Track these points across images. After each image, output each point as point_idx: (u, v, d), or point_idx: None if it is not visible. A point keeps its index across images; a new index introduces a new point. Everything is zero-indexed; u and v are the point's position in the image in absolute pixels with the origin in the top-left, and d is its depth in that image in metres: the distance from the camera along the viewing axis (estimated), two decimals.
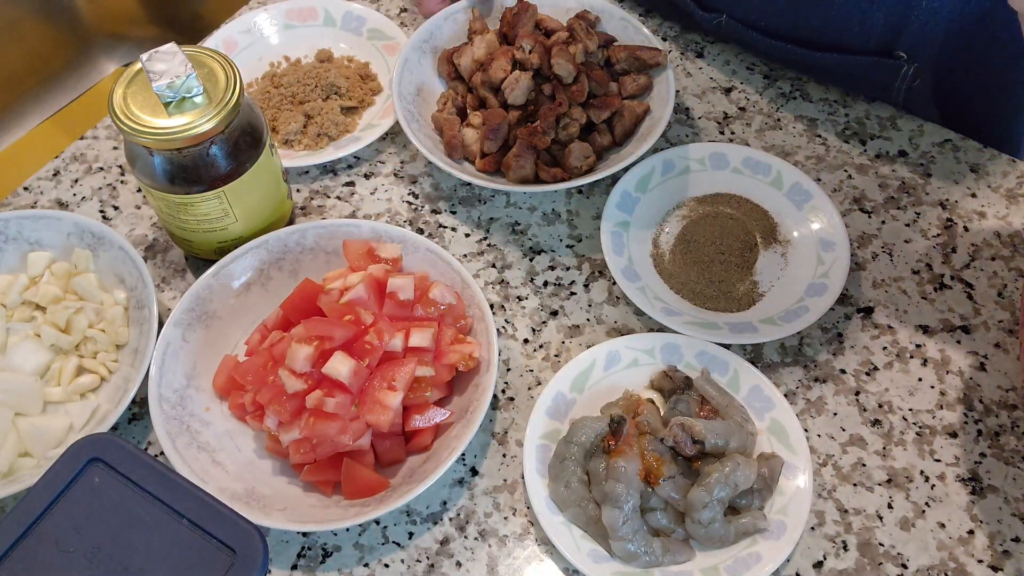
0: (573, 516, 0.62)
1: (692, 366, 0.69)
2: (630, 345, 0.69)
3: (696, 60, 0.89)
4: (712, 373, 0.68)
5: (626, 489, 0.61)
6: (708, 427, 0.63)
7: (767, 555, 0.60)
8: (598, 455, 0.63)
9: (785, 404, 0.66)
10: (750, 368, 0.68)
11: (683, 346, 0.69)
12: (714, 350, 0.69)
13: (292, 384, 0.61)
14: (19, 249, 0.73)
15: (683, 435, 0.63)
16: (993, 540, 0.63)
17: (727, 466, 0.61)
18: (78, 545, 0.46)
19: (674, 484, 0.62)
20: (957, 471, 0.65)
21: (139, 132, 0.63)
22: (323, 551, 0.63)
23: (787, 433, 0.65)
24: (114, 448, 0.48)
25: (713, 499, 0.61)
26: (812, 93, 0.86)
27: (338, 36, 0.91)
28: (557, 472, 0.64)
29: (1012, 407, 0.68)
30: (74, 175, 0.83)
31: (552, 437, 0.66)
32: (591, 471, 0.63)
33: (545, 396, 0.66)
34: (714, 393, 0.67)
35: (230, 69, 0.66)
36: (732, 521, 0.62)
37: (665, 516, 0.62)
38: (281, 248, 0.72)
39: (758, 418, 0.66)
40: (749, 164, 0.79)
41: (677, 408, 0.66)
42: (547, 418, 0.66)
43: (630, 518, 0.61)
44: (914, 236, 0.77)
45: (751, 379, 0.68)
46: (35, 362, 0.68)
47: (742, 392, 0.67)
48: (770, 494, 0.63)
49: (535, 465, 0.64)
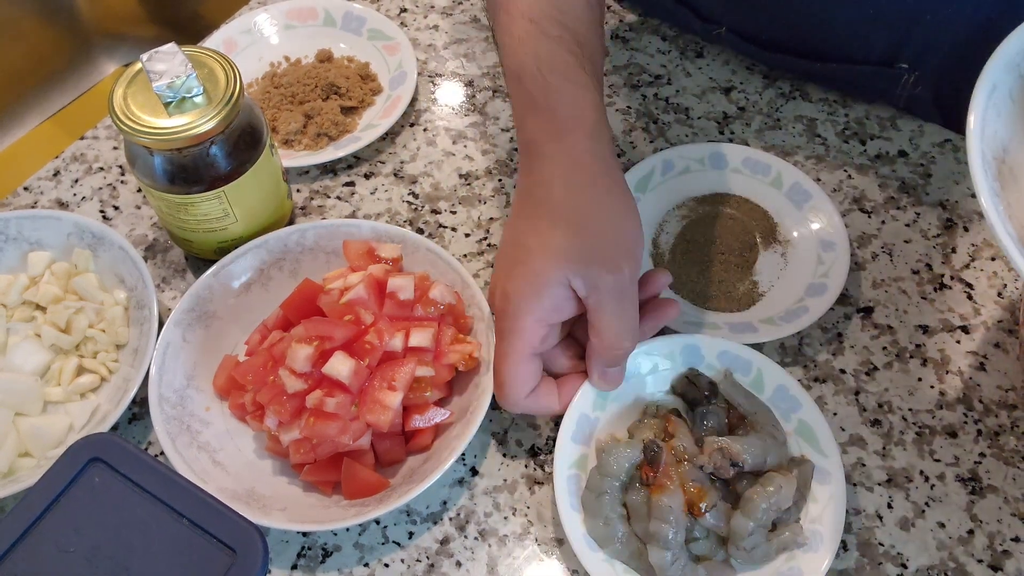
0: (615, 552, 0.60)
1: (714, 367, 0.66)
2: (649, 352, 0.66)
3: (696, 60, 0.89)
4: (735, 374, 0.66)
5: (674, 529, 0.59)
6: (746, 447, 0.61)
7: (807, 568, 0.59)
8: (635, 487, 0.61)
9: (811, 404, 0.63)
10: (774, 367, 0.65)
11: (703, 347, 0.66)
12: (736, 349, 0.66)
13: (292, 384, 0.61)
14: (19, 249, 0.73)
15: (723, 460, 0.61)
16: (993, 540, 0.63)
17: (769, 489, 0.59)
18: (78, 545, 0.46)
19: (716, 513, 0.60)
20: (957, 471, 0.65)
21: (139, 132, 0.63)
22: (323, 551, 0.63)
23: (815, 435, 0.63)
24: (114, 448, 0.48)
25: (757, 525, 0.59)
26: (812, 93, 0.86)
27: (338, 36, 0.91)
28: (594, 508, 0.61)
29: (1012, 407, 0.68)
30: (74, 175, 0.83)
31: (581, 465, 0.63)
32: (630, 505, 0.61)
33: (568, 422, 0.63)
34: (741, 399, 0.65)
35: (230, 69, 0.66)
36: (771, 539, 0.60)
37: (707, 543, 0.61)
38: (281, 248, 0.72)
39: (784, 420, 0.64)
40: (749, 164, 0.79)
41: (707, 423, 0.64)
42: (573, 444, 0.63)
43: (679, 556, 0.59)
44: (914, 236, 0.77)
45: (775, 378, 0.65)
46: (35, 362, 0.68)
47: (766, 392, 0.65)
48: (804, 502, 0.62)
49: (568, 499, 0.61)
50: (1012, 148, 0.57)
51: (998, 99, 0.57)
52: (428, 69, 0.90)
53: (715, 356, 0.66)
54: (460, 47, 0.92)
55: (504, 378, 0.61)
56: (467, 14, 0.95)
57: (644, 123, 0.85)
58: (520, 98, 0.65)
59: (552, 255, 0.59)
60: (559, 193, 0.60)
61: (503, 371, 0.61)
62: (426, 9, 0.96)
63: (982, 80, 0.56)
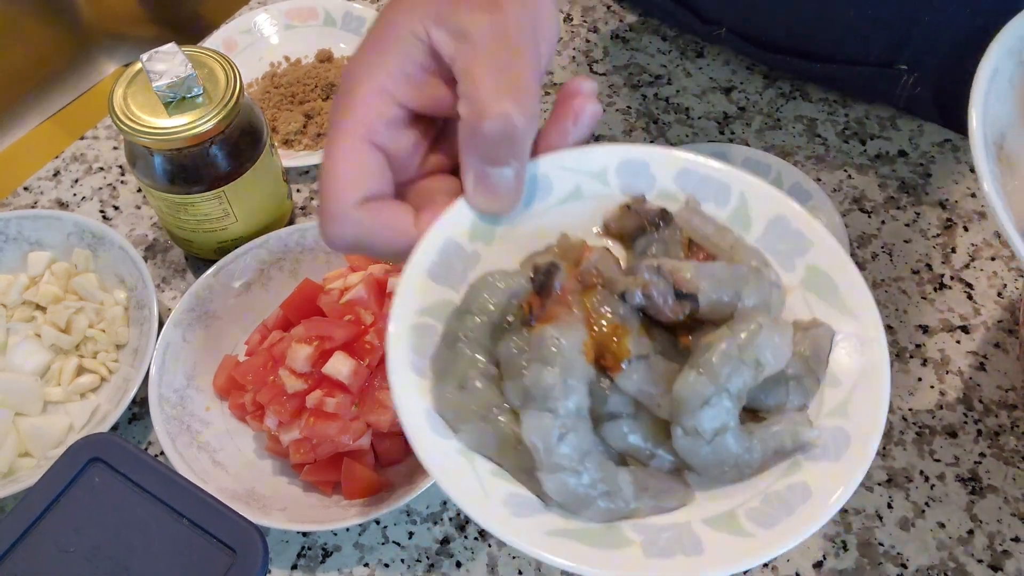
0: (475, 438, 0.38)
1: (671, 195, 0.43)
2: (567, 165, 0.43)
3: (696, 60, 0.89)
4: (705, 204, 0.43)
5: (562, 378, 0.36)
6: (703, 271, 0.39)
7: (819, 487, 0.37)
8: (514, 331, 0.39)
9: (829, 240, 0.42)
10: (766, 190, 0.43)
11: (653, 164, 0.44)
12: (705, 167, 0.43)
13: (292, 384, 0.61)
14: (19, 249, 0.73)
15: (662, 284, 0.38)
16: (993, 540, 0.63)
17: (742, 329, 0.37)
18: (78, 545, 0.46)
19: (647, 369, 0.38)
20: (957, 471, 0.65)
21: (139, 132, 0.63)
22: (323, 551, 0.63)
23: (836, 286, 0.41)
24: (114, 448, 0.48)
25: (720, 388, 0.36)
26: (812, 93, 0.86)
27: (338, 36, 0.91)
28: (446, 364, 0.39)
29: (1012, 407, 0.68)
30: (74, 175, 0.83)
31: (439, 312, 0.40)
32: (503, 358, 0.39)
33: (427, 247, 0.40)
34: (709, 230, 0.42)
35: (230, 69, 0.66)
36: (755, 432, 0.38)
37: (635, 428, 0.38)
38: (281, 248, 0.72)
39: (785, 268, 0.43)
40: (749, 164, 0.79)
41: (650, 252, 0.42)
42: (431, 281, 0.40)
43: (573, 429, 0.36)
44: (914, 236, 0.77)
45: (770, 207, 0.43)
46: (35, 362, 0.68)
47: (755, 230, 0.43)
48: (816, 385, 0.40)
49: (408, 356, 0.39)
50: (1010, 136, 0.57)
51: (999, 84, 0.55)
52: None
53: (671, 177, 0.44)
54: None
55: (327, 174, 0.41)
56: None
57: (644, 123, 0.84)
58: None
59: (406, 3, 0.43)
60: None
61: (327, 166, 0.42)
62: None
63: (983, 65, 0.55)
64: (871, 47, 0.79)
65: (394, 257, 0.42)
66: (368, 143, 0.41)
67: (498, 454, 0.38)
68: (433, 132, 0.44)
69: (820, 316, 0.41)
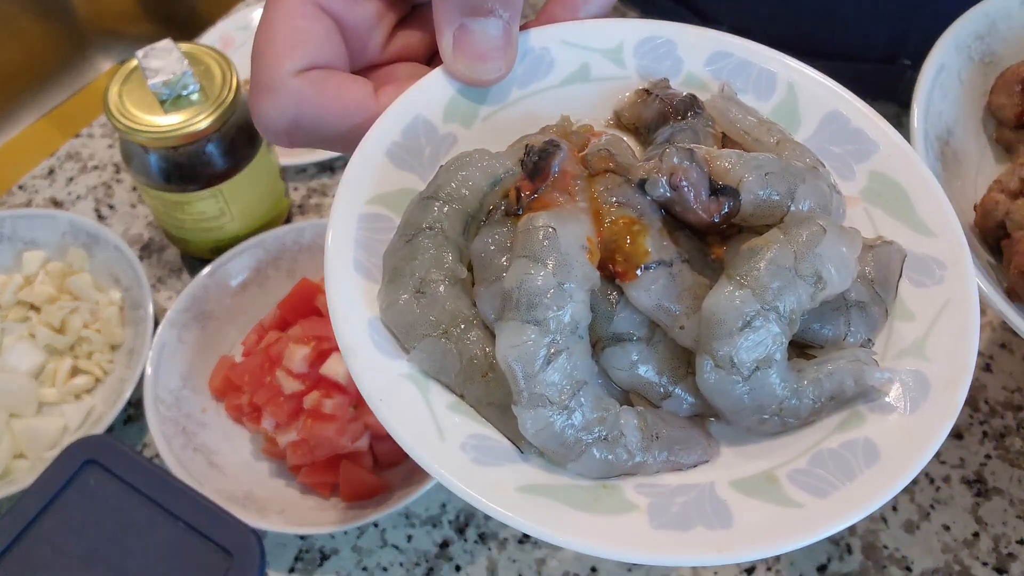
0: (432, 359, 0.29)
1: (702, 82, 0.37)
2: (573, 39, 0.35)
3: None
4: (743, 95, 0.36)
5: (556, 279, 0.28)
6: (748, 161, 0.31)
7: (890, 447, 0.29)
8: (496, 225, 0.31)
9: (900, 143, 0.36)
10: (819, 84, 0.37)
11: (680, 43, 0.37)
12: (743, 51, 0.37)
13: (289, 385, 0.61)
14: (14, 248, 0.72)
15: (694, 173, 0.29)
16: (998, 542, 0.62)
17: (798, 234, 0.29)
18: (74, 547, 0.46)
19: (669, 279, 0.29)
20: (962, 473, 0.65)
21: (135, 130, 0.63)
22: (321, 554, 0.62)
23: (908, 198, 0.34)
24: (109, 450, 0.48)
25: (768, 307, 0.28)
26: None
27: None
28: (401, 263, 0.30)
29: (1017, 408, 0.67)
30: (69, 174, 0.82)
31: (397, 202, 0.32)
32: (477, 255, 0.30)
33: (388, 124, 0.33)
34: (750, 122, 0.35)
35: (227, 66, 0.66)
36: (806, 370, 0.30)
37: (648, 356, 0.30)
38: (278, 247, 0.71)
39: (843, 175, 0.35)
40: None
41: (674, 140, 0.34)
42: (390, 164, 0.33)
43: (564, 349, 0.28)
44: None
45: (823, 102, 0.36)
46: (30, 363, 0.67)
47: (805, 128, 0.36)
48: (884, 315, 0.32)
49: (352, 252, 0.31)
50: (957, 131, 0.57)
51: (945, 80, 0.54)
52: None
53: (703, 61, 0.37)
54: None
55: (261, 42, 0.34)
56: None
57: None
58: None
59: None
60: None
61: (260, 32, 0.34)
62: None
63: (930, 60, 0.54)
64: (873, 42, 0.78)
65: (344, 141, 0.33)
66: (314, 4, 0.34)
67: (462, 382, 0.29)
68: (400, 6, 0.36)
69: (888, 234, 0.33)
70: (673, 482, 0.29)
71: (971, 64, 0.57)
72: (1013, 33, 0.60)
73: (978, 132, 0.59)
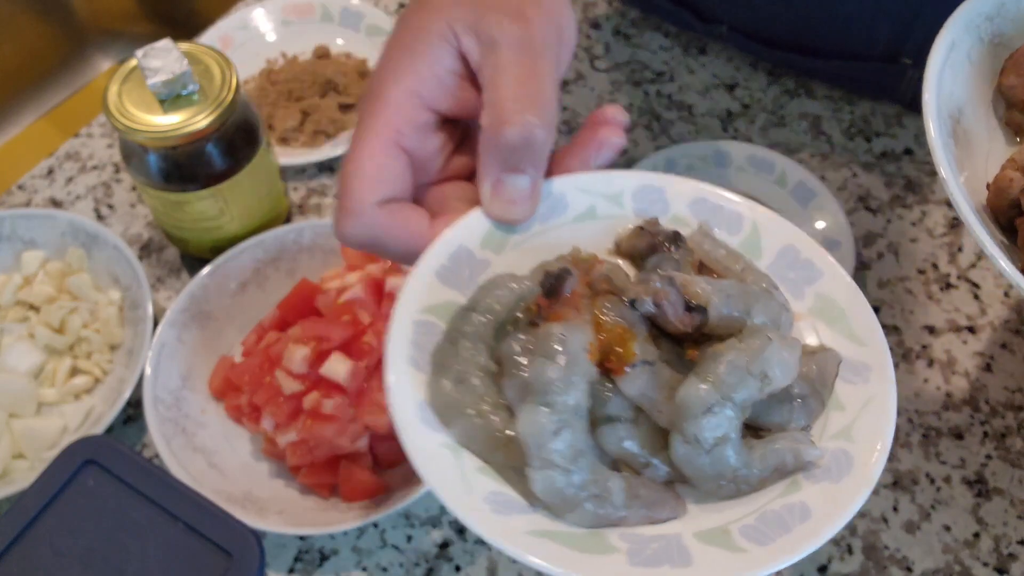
0: (465, 433, 0.38)
1: (683, 220, 0.45)
2: (583, 186, 0.45)
3: (699, 57, 0.88)
4: (717, 230, 0.45)
5: (565, 373, 0.36)
6: (715, 285, 0.40)
7: (819, 509, 0.37)
8: (519, 331, 0.39)
9: (837, 270, 0.44)
10: (777, 222, 0.45)
11: (668, 190, 0.45)
12: (718, 197, 0.45)
13: (289, 385, 0.61)
14: (13, 248, 0.72)
15: (672, 294, 0.38)
16: (999, 543, 0.62)
17: (751, 343, 0.38)
18: (73, 548, 0.46)
19: (652, 375, 0.38)
20: (963, 473, 0.65)
21: (134, 129, 0.63)
22: (320, 554, 0.62)
23: (845, 315, 0.42)
24: (109, 450, 0.48)
25: (725, 398, 0.36)
26: (816, 90, 0.86)
27: (335, 32, 0.90)
28: (444, 359, 0.39)
29: (1018, 408, 0.67)
30: (68, 173, 0.82)
31: (443, 312, 0.41)
32: (504, 355, 0.39)
33: (438, 251, 0.42)
34: (720, 253, 0.43)
35: (226, 66, 0.66)
36: (756, 447, 0.38)
37: (633, 433, 0.38)
38: (278, 247, 0.71)
39: (794, 295, 0.43)
40: (753, 162, 0.78)
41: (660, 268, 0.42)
42: (439, 283, 0.41)
43: (568, 426, 0.36)
44: (920, 235, 0.76)
45: (780, 237, 0.44)
46: (29, 363, 0.67)
47: (766, 258, 0.44)
48: (820, 407, 0.40)
49: (407, 351, 0.39)
50: (967, 111, 0.56)
51: (956, 59, 0.55)
52: None
53: (686, 204, 0.45)
54: None
55: (349, 172, 0.42)
56: None
57: (647, 120, 0.84)
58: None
59: (435, 4, 0.44)
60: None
61: (350, 164, 0.42)
62: None
63: (942, 36, 0.54)
64: (874, 41, 0.78)
65: (405, 259, 0.43)
66: (395, 145, 0.43)
67: (487, 450, 0.37)
68: (456, 136, 0.46)
69: (828, 343, 0.42)
70: (648, 532, 0.37)
71: (981, 45, 0.57)
72: (1022, 14, 0.59)
73: (988, 114, 0.58)
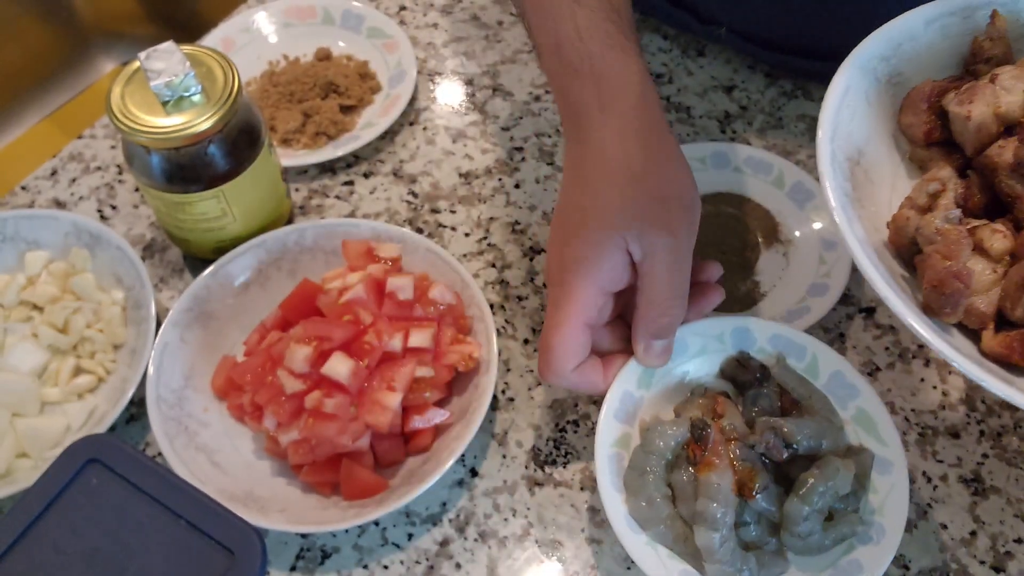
0: (659, 535, 0.58)
1: (766, 351, 0.64)
2: (697, 332, 0.64)
3: (697, 59, 0.89)
4: (788, 359, 0.64)
5: (723, 509, 0.56)
6: (799, 428, 0.59)
7: (868, 562, 0.56)
8: (681, 466, 0.59)
9: (871, 391, 0.61)
10: (830, 352, 0.63)
11: (755, 330, 0.64)
12: (790, 333, 0.64)
13: (291, 385, 0.61)
14: (16, 249, 0.73)
15: (775, 441, 0.58)
16: (995, 541, 0.62)
17: (827, 473, 0.57)
18: (76, 546, 0.46)
19: (768, 495, 0.58)
20: (959, 472, 0.65)
21: (137, 131, 0.63)
22: (322, 552, 0.63)
23: (875, 423, 0.61)
24: (112, 449, 0.48)
25: (813, 510, 0.57)
26: (814, 92, 0.86)
27: (337, 34, 0.91)
28: (636, 488, 0.59)
29: (1015, 407, 0.67)
30: (72, 174, 0.82)
31: (624, 443, 0.61)
32: (675, 485, 0.59)
33: (611, 399, 0.61)
34: (794, 383, 0.63)
35: (228, 68, 0.66)
36: (829, 529, 0.58)
37: (758, 529, 0.59)
38: (280, 248, 0.71)
39: (841, 407, 0.62)
40: (750, 163, 0.78)
41: (758, 404, 0.62)
42: (616, 421, 0.61)
43: (727, 539, 0.57)
44: None
45: (831, 364, 0.63)
46: (32, 362, 0.68)
47: (821, 379, 0.63)
48: (864, 493, 0.59)
49: (609, 479, 0.59)
50: (868, 151, 0.58)
51: (852, 100, 0.58)
52: (427, 67, 0.90)
53: (767, 340, 0.64)
54: (460, 45, 0.92)
55: (554, 347, 0.58)
56: (467, 12, 0.95)
57: None
58: (560, 68, 0.62)
59: (610, 216, 0.58)
60: (613, 154, 0.59)
61: (554, 340, 0.58)
62: (425, 7, 0.95)
63: (835, 82, 0.57)
64: None
65: (590, 395, 0.68)
66: (585, 326, 0.59)
67: (673, 544, 0.58)
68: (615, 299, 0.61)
69: (863, 443, 0.61)
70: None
71: (878, 84, 0.59)
72: (918, 53, 0.61)
73: (891, 151, 0.61)
